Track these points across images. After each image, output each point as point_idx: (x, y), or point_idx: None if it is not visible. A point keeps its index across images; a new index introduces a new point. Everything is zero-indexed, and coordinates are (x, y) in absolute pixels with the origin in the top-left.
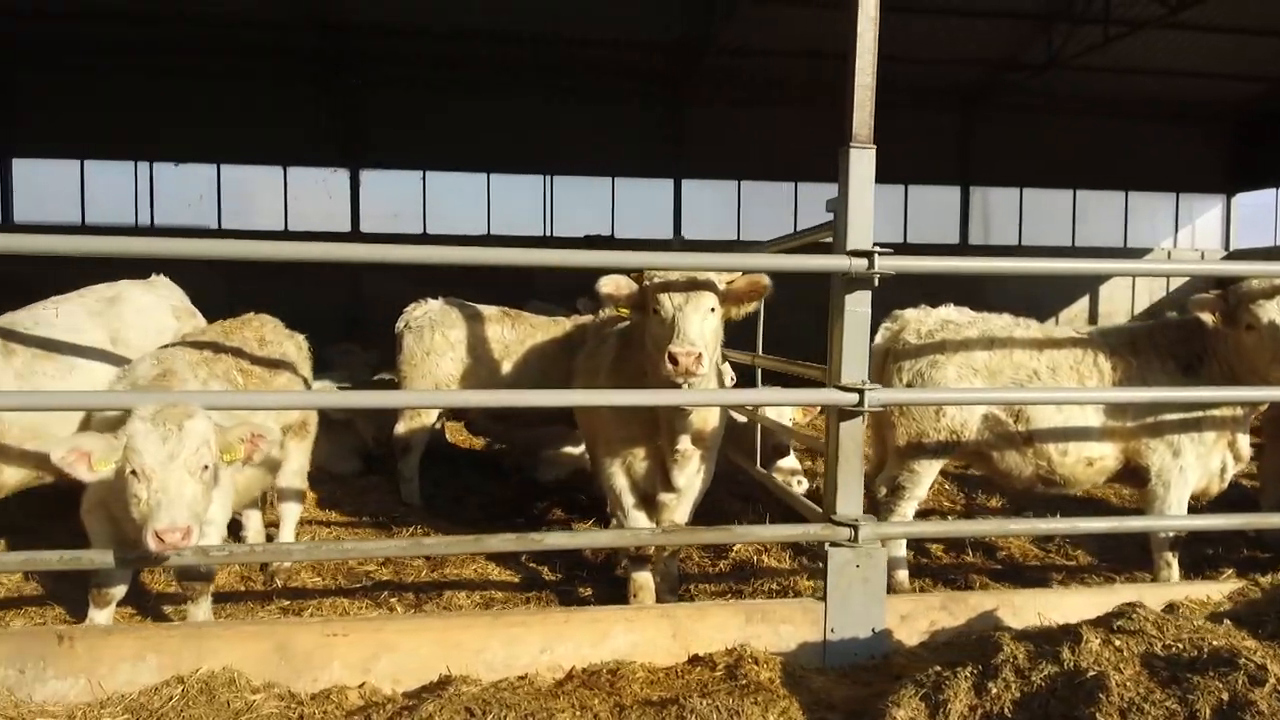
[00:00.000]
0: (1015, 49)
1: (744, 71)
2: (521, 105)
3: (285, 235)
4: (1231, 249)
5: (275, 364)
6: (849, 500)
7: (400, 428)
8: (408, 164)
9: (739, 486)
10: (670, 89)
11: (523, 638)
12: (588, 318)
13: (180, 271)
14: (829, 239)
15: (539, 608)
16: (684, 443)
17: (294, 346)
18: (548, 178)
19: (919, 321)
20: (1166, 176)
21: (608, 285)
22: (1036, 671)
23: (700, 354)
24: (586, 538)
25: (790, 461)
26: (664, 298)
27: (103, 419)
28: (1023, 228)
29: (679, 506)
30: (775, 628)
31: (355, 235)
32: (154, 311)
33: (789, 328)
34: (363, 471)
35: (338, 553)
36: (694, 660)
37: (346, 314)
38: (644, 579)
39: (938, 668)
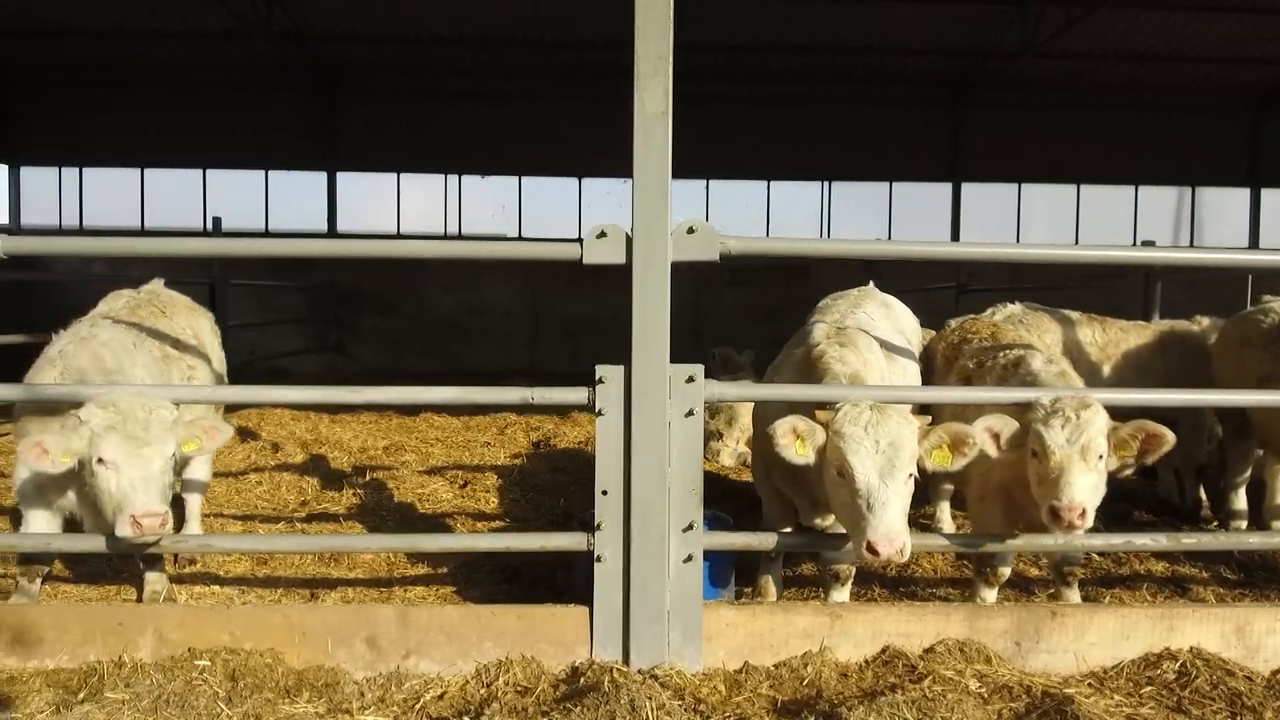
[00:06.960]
0: None
1: (1029, 75)
2: (801, 112)
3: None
4: None
5: None
6: None
7: None
8: (691, 173)
9: None
10: (952, 93)
11: None
12: (1166, 323)
13: None
14: None
15: None
16: None
17: None
18: (825, 183)
19: None
20: None
21: None
22: None
23: None
24: None
25: None
26: None
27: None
28: None
29: None
30: None
31: None
32: (910, 315)
33: None
34: None
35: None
36: None
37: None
38: None
39: None
